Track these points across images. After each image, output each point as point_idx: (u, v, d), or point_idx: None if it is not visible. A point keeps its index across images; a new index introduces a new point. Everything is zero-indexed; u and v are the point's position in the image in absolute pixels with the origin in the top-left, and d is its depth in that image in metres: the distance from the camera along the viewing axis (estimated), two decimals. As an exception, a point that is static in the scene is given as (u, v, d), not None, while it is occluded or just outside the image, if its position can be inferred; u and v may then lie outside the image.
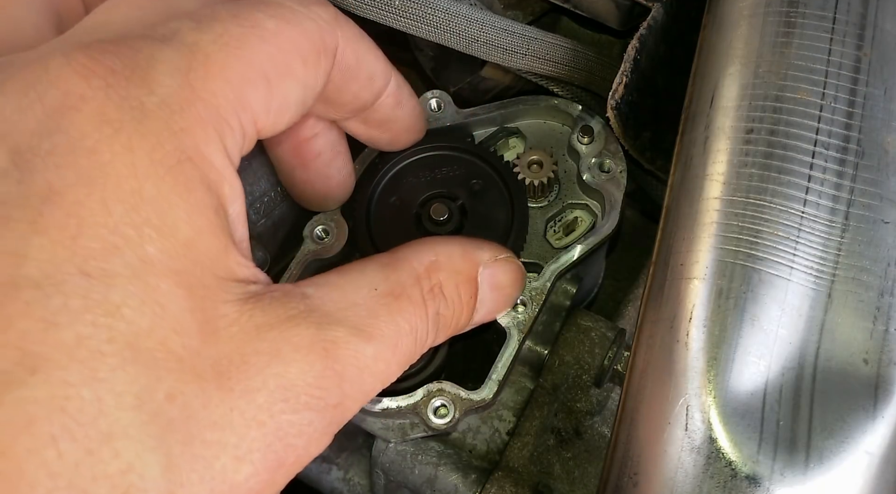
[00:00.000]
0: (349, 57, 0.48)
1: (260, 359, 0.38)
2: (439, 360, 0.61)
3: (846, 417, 0.41)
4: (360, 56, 0.49)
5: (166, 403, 0.35)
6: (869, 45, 0.47)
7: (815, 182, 0.44)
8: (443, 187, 0.63)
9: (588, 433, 0.64)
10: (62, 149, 0.36)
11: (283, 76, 0.43)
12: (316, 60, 0.45)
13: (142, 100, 0.38)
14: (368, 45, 0.50)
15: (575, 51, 0.66)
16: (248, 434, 0.37)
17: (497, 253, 0.53)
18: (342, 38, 0.47)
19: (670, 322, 0.44)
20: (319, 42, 0.45)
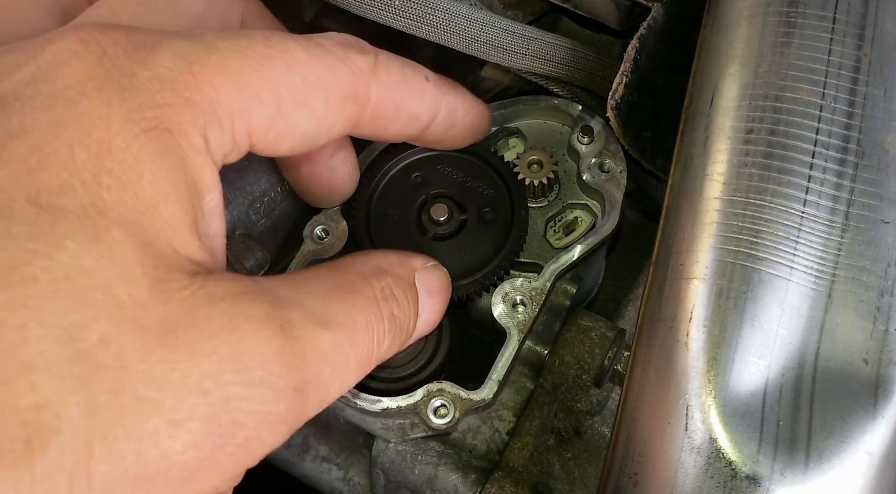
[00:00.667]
0: (386, 107, 0.48)
1: (210, 325, 0.36)
2: (439, 360, 0.61)
3: (846, 417, 0.41)
4: (398, 103, 0.49)
5: (98, 346, 0.33)
6: (869, 45, 0.47)
7: (815, 182, 0.44)
8: (443, 187, 0.63)
9: (588, 433, 0.64)
10: (43, 96, 0.36)
11: (298, 105, 0.43)
12: (340, 104, 0.45)
13: (134, 71, 0.38)
14: (410, 89, 0.49)
15: (575, 51, 0.66)
16: (188, 399, 0.35)
17: (426, 261, 0.53)
18: (379, 88, 0.46)
19: (670, 322, 0.44)
20: (350, 89, 0.45)
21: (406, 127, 0.51)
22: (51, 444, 0.31)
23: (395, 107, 0.49)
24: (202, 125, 0.39)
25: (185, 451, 0.35)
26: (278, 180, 0.67)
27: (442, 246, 0.62)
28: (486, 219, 0.62)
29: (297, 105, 0.43)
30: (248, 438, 0.37)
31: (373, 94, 0.46)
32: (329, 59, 0.44)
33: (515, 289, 0.61)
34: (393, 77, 0.48)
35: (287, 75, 0.42)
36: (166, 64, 0.39)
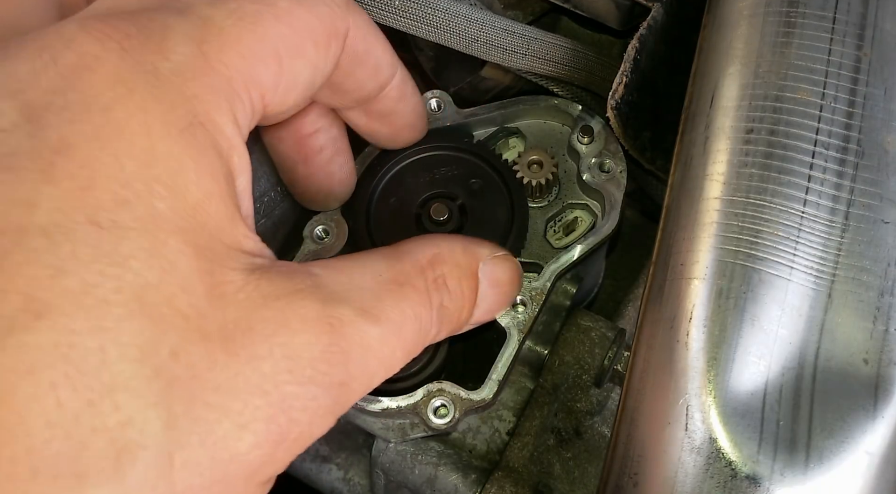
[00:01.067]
0: (358, 44, 0.48)
1: (266, 327, 0.37)
2: (439, 360, 0.61)
3: (846, 417, 0.41)
4: (368, 44, 0.49)
5: (170, 360, 0.34)
6: (869, 45, 0.47)
7: (815, 182, 0.44)
8: (443, 187, 0.63)
9: (588, 433, 0.64)
10: (76, 106, 0.36)
11: (294, 55, 0.43)
12: (326, 43, 0.45)
13: (156, 65, 0.38)
14: (377, 34, 0.50)
15: (575, 51, 0.66)
16: (251, 402, 0.36)
17: (495, 250, 0.53)
18: (353, 24, 0.47)
19: (670, 322, 0.44)
20: (331, 26, 0.46)
21: (369, 78, 0.52)
22: (138, 459, 0.33)
23: (366, 47, 0.49)
24: (228, 108, 0.40)
25: (250, 451, 0.36)
26: (278, 180, 0.67)
27: (442, 246, 0.62)
28: (486, 219, 0.62)
29: (292, 55, 0.43)
30: (301, 432, 0.38)
31: (350, 29, 0.47)
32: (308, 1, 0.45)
33: (515, 289, 0.61)
34: (364, 16, 0.49)
35: (278, 28, 0.42)
36: (180, 50, 0.39)
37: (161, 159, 0.37)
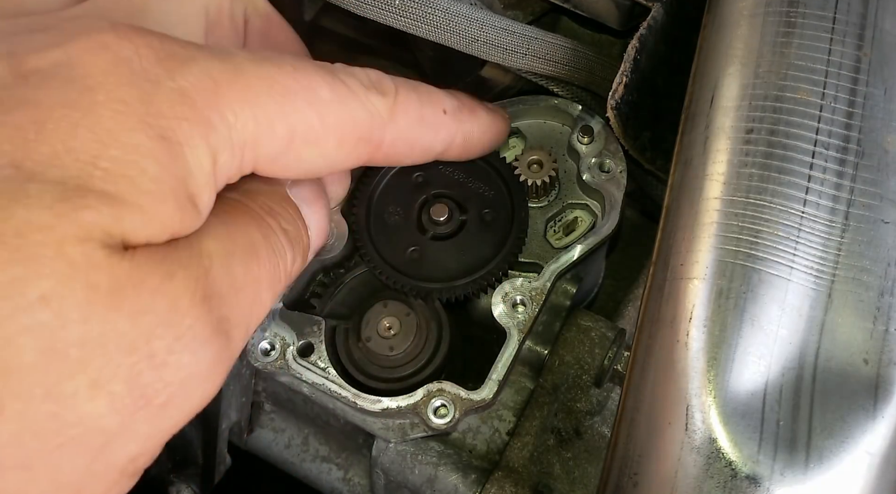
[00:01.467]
0: (400, 147, 0.48)
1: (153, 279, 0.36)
2: (439, 360, 0.61)
3: (846, 417, 0.41)
4: (412, 142, 0.49)
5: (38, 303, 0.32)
6: (869, 45, 0.47)
7: (815, 182, 0.44)
8: (443, 187, 0.63)
9: (588, 433, 0.64)
10: (62, 78, 0.36)
11: (309, 144, 0.43)
12: (352, 146, 0.45)
13: (160, 79, 0.38)
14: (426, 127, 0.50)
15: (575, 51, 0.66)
16: (115, 358, 0.34)
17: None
18: (394, 131, 0.47)
19: (670, 322, 0.44)
20: (365, 132, 0.45)
21: (419, 158, 0.52)
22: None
23: (409, 146, 0.49)
24: (214, 146, 0.39)
25: (103, 415, 0.34)
26: None
27: (442, 246, 0.62)
28: (486, 219, 0.62)
29: (308, 143, 0.43)
30: (171, 395, 0.37)
31: (387, 137, 0.47)
32: (351, 101, 0.45)
33: (515, 289, 0.61)
34: (410, 118, 0.48)
35: (306, 113, 0.42)
36: (192, 79, 0.39)
37: (122, 146, 0.36)
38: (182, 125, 0.38)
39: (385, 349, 0.60)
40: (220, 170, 0.40)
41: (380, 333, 0.60)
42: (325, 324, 0.61)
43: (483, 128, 0.56)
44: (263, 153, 0.42)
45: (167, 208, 0.37)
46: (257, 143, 0.41)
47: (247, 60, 0.41)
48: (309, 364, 0.60)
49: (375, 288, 0.63)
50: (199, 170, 0.39)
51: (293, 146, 0.43)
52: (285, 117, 0.42)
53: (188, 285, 0.37)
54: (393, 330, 0.61)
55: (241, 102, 0.40)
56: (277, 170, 0.44)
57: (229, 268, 0.41)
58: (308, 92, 0.43)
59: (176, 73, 0.39)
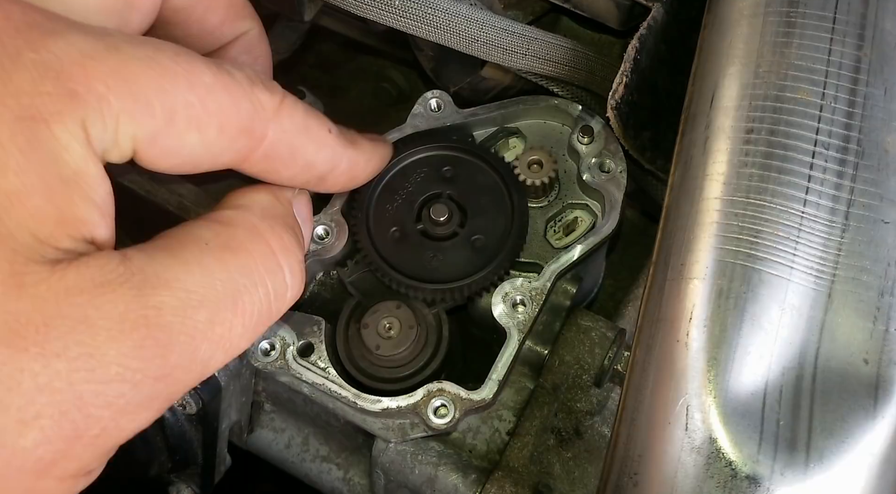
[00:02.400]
0: (281, 149, 0.46)
1: (64, 323, 0.35)
2: (439, 360, 0.61)
3: (846, 417, 0.41)
4: (294, 149, 0.47)
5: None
6: (869, 45, 0.47)
7: (815, 182, 0.44)
8: (443, 187, 0.63)
9: (588, 433, 0.64)
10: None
11: (189, 125, 0.41)
12: (234, 136, 0.43)
13: (21, 51, 0.36)
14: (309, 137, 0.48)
15: (575, 51, 0.66)
16: (37, 399, 0.34)
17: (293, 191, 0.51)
18: (277, 130, 0.45)
19: (670, 322, 0.44)
20: (247, 122, 0.44)
21: (301, 173, 0.49)
22: None
23: (291, 152, 0.47)
24: (81, 117, 0.37)
25: (36, 447, 0.35)
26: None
27: (442, 246, 0.62)
28: (487, 219, 0.62)
29: (189, 125, 0.41)
30: (105, 428, 0.37)
31: (269, 134, 0.45)
32: (234, 89, 0.43)
33: (515, 289, 0.61)
34: (294, 122, 0.47)
35: (186, 94, 0.41)
36: (57, 51, 0.37)
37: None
38: (45, 100, 0.36)
39: (385, 349, 0.60)
40: (94, 141, 0.38)
41: (380, 333, 0.60)
42: (325, 324, 0.61)
43: (368, 156, 0.55)
44: (142, 130, 0.40)
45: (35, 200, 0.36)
46: (134, 117, 0.39)
47: (124, 40, 0.39)
48: (309, 364, 0.60)
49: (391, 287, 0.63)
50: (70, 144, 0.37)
51: (173, 126, 0.41)
52: (164, 94, 0.40)
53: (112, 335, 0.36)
54: (393, 330, 0.61)
55: (114, 76, 0.38)
56: (159, 154, 0.41)
57: (186, 319, 0.39)
58: (189, 74, 0.41)
59: (38, 44, 0.37)
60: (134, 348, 0.37)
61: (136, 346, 0.37)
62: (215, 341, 0.40)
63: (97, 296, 0.36)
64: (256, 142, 0.45)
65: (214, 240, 0.42)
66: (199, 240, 0.42)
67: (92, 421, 0.36)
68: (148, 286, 0.38)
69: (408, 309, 0.61)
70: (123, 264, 0.38)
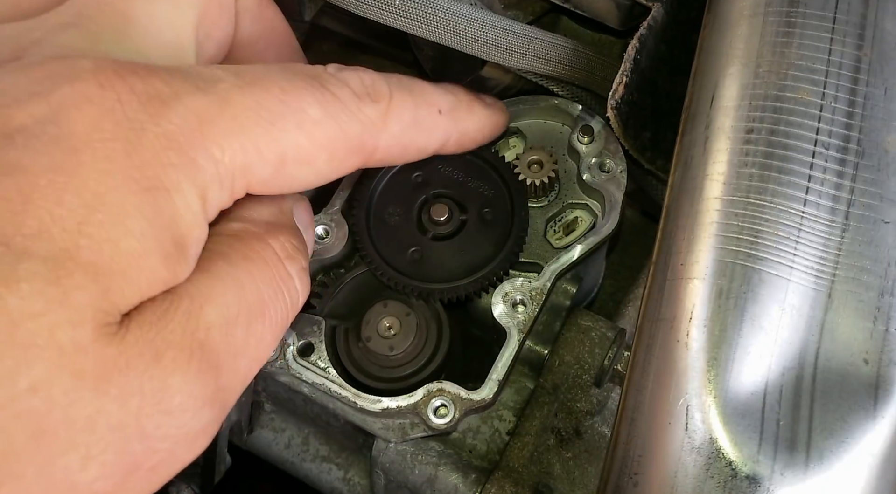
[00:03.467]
0: (393, 151, 0.48)
1: (141, 362, 0.37)
2: (439, 360, 0.61)
3: (846, 417, 0.41)
4: (406, 145, 0.49)
5: (26, 392, 0.34)
6: (869, 45, 0.47)
7: (815, 182, 0.44)
8: (443, 187, 0.63)
9: (588, 433, 0.64)
10: (47, 138, 0.36)
11: (300, 165, 0.43)
12: (344, 158, 0.45)
13: (144, 125, 0.38)
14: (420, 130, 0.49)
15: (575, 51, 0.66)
16: (105, 436, 0.36)
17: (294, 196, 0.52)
18: (387, 137, 0.46)
19: (670, 322, 0.44)
20: (357, 142, 0.45)
21: (412, 158, 0.51)
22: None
23: (403, 149, 0.49)
24: (202, 186, 0.39)
25: (95, 481, 0.36)
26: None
27: (442, 246, 0.62)
28: (486, 219, 0.62)
29: (299, 163, 0.43)
30: (162, 459, 0.38)
31: (381, 144, 0.46)
32: (342, 115, 0.44)
33: (515, 289, 0.61)
34: (404, 122, 0.48)
35: (295, 136, 0.42)
36: (177, 120, 0.39)
37: (109, 206, 0.36)
38: (168, 171, 0.38)
39: (385, 349, 0.60)
40: (211, 205, 0.40)
41: (380, 333, 0.60)
42: (325, 324, 0.61)
43: (479, 124, 0.56)
44: (254, 179, 0.42)
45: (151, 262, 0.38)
46: (247, 172, 0.41)
47: (233, 88, 0.41)
48: (309, 364, 0.60)
49: (375, 288, 0.63)
50: (187, 211, 0.39)
51: (284, 169, 0.42)
52: (274, 143, 0.41)
53: (178, 365, 0.38)
54: (393, 330, 0.60)
55: (228, 135, 0.40)
56: (269, 190, 0.44)
57: (229, 336, 0.40)
58: (297, 113, 0.42)
59: (160, 116, 0.38)
60: (195, 374, 0.38)
61: (196, 372, 0.38)
62: (251, 354, 0.42)
63: (162, 328, 0.38)
64: (368, 155, 0.46)
65: (235, 255, 0.43)
66: (224, 256, 0.43)
67: (150, 453, 0.38)
68: (196, 306, 0.39)
69: (408, 309, 0.61)
70: (171, 291, 0.39)
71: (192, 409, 0.38)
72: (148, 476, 0.38)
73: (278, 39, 0.55)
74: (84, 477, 0.36)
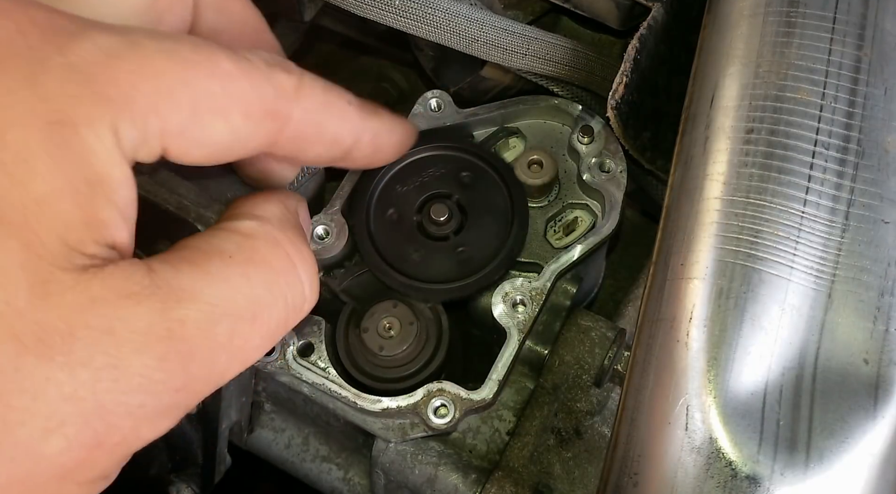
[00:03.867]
0: (307, 128, 0.46)
1: (90, 333, 0.36)
2: (439, 360, 0.61)
3: (846, 417, 0.41)
4: (319, 125, 0.47)
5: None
6: (869, 45, 0.47)
7: (815, 182, 0.44)
8: (443, 187, 0.63)
9: (588, 433, 0.64)
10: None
11: (214, 114, 0.41)
12: (259, 119, 0.43)
13: (49, 57, 0.36)
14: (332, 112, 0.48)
15: (575, 51, 0.66)
16: (62, 408, 0.35)
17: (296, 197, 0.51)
18: (300, 109, 0.45)
19: (670, 322, 0.44)
20: (270, 105, 0.44)
21: (328, 149, 0.49)
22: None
23: (317, 129, 0.47)
24: (111, 119, 0.37)
25: (59, 453, 0.35)
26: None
27: (442, 246, 0.62)
28: (486, 219, 0.62)
29: (214, 114, 0.41)
30: (125, 437, 0.38)
31: (294, 114, 0.45)
32: (254, 73, 0.43)
33: (515, 289, 0.61)
34: (316, 99, 0.47)
35: (208, 83, 0.41)
36: (83, 53, 0.37)
37: (11, 145, 0.35)
38: (74, 102, 0.36)
39: (375, 346, 0.60)
40: (124, 142, 0.38)
41: (378, 329, 0.60)
42: (324, 324, 0.61)
43: (390, 127, 0.54)
44: (169, 124, 0.40)
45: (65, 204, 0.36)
46: (161, 112, 0.39)
47: (144, 35, 0.40)
48: (309, 364, 0.60)
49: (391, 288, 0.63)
50: (100, 147, 0.37)
51: (199, 117, 0.41)
52: (186, 86, 0.40)
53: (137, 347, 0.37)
54: (392, 331, 0.61)
55: (138, 73, 0.38)
56: (188, 147, 0.42)
57: (207, 332, 0.39)
58: (209, 63, 0.41)
59: (66, 48, 0.37)
60: (157, 360, 0.37)
61: (159, 358, 0.37)
62: (233, 353, 0.41)
63: (123, 308, 0.37)
64: (282, 123, 0.45)
65: (238, 253, 0.42)
66: (224, 253, 0.42)
67: (113, 430, 0.37)
68: (173, 299, 0.38)
69: (405, 306, 0.61)
70: (149, 276, 0.38)
71: (153, 392, 0.37)
72: (112, 450, 0.37)
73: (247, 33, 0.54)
74: (48, 449, 0.35)
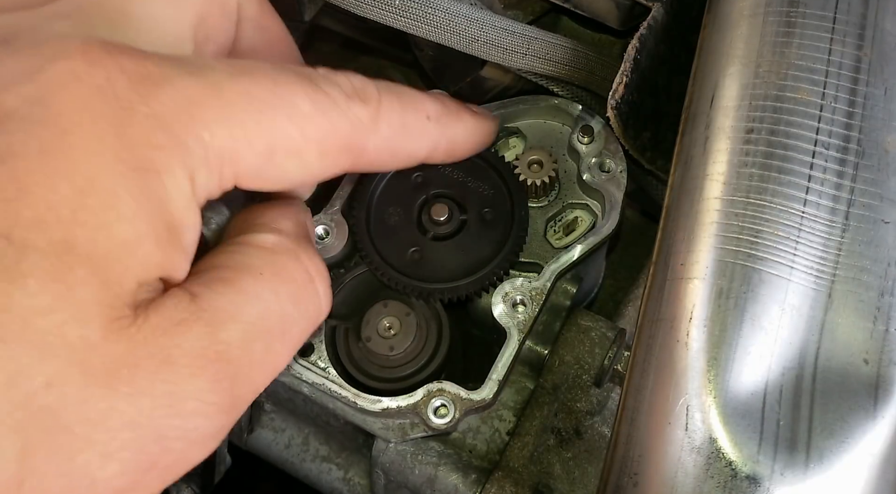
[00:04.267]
0: (382, 155, 0.48)
1: (151, 363, 0.37)
2: (439, 360, 0.61)
3: (846, 417, 0.41)
4: (395, 150, 0.49)
5: (43, 389, 0.34)
6: (869, 45, 0.47)
7: (815, 182, 0.44)
8: (443, 187, 0.63)
9: (588, 433, 0.64)
10: (36, 119, 0.36)
11: (290, 157, 0.43)
12: (335, 156, 0.45)
13: (134, 106, 0.38)
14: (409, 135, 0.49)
15: (575, 51, 0.66)
16: (120, 434, 0.36)
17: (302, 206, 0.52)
18: (377, 139, 0.46)
19: (670, 322, 0.44)
20: (346, 141, 0.45)
21: (402, 164, 0.51)
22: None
23: (392, 154, 0.49)
24: (191, 168, 0.39)
25: (113, 477, 0.37)
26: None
27: (442, 246, 0.62)
28: (486, 219, 0.62)
29: (289, 155, 0.43)
30: (176, 460, 0.39)
31: (370, 146, 0.46)
32: (332, 111, 0.44)
33: (515, 289, 0.61)
34: (393, 126, 0.48)
35: (286, 126, 0.42)
36: (167, 102, 0.38)
37: (99, 190, 0.36)
38: (157, 153, 0.38)
39: (385, 349, 0.60)
40: (200, 190, 0.40)
41: (380, 333, 0.60)
42: (324, 324, 0.61)
43: (468, 132, 0.56)
44: (243, 169, 0.42)
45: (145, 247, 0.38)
46: (235, 159, 0.41)
47: (224, 75, 0.41)
48: (309, 364, 0.60)
49: (375, 288, 0.63)
50: (178, 195, 0.39)
51: (274, 160, 0.42)
52: (264, 131, 0.41)
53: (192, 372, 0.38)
54: (393, 330, 0.61)
55: (217, 121, 0.40)
56: (259, 184, 0.43)
57: (247, 351, 0.41)
58: (288, 106, 0.42)
59: (150, 96, 0.38)
60: (210, 382, 0.39)
61: (212, 381, 0.39)
62: (266, 369, 0.43)
63: (177, 336, 0.38)
64: (356, 156, 0.46)
65: (267, 270, 0.44)
66: (254, 270, 0.43)
67: (166, 454, 0.38)
68: (217, 321, 0.40)
69: (408, 308, 0.61)
70: (194, 302, 0.40)
71: (206, 415, 0.39)
72: (162, 473, 0.39)
73: (279, 50, 0.55)
74: (103, 474, 0.36)
